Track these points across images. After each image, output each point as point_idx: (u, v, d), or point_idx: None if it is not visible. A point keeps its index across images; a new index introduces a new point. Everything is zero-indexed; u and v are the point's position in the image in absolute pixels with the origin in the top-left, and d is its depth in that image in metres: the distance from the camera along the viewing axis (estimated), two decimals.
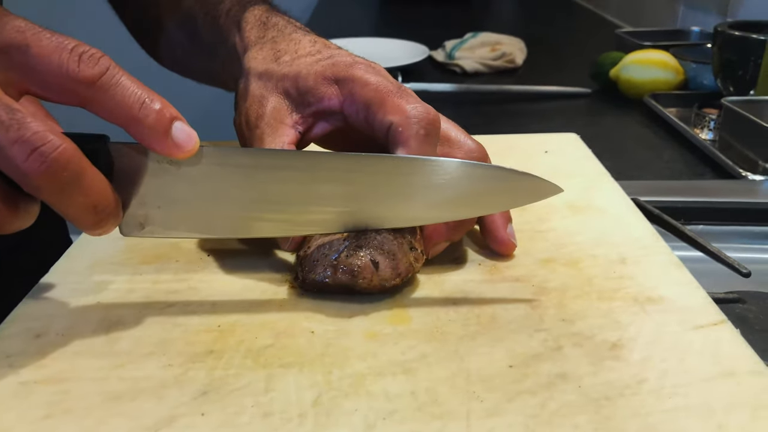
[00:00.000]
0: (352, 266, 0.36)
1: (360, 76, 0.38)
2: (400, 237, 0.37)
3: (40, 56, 0.29)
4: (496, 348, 0.33)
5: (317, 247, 0.37)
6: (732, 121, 0.76)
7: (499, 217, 0.41)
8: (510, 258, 0.41)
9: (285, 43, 0.43)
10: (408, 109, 0.37)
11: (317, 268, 0.36)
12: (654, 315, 0.36)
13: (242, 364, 0.32)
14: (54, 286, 0.39)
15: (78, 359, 0.32)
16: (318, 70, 0.39)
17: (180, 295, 0.37)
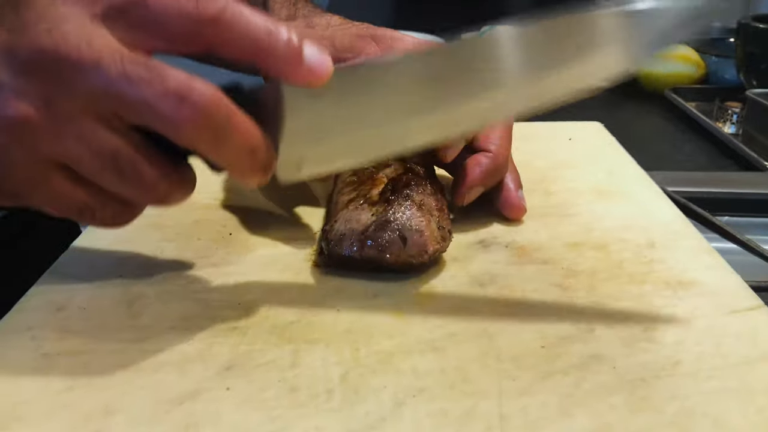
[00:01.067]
0: (379, 240, 0.35)
1: (396, 35, 0.41)
2: (428, 215, 0.36)
3: (159, 6, 0.28)
4: (526, 328, 0.32)
5: (344, 221, 0.36)
6: (757, 113, 0.75)
7: (511, 181, 0.42)
8: (530, 235, 0.41)
9: (317, 18, 0.44)
10: None
11: (344, 242, 0.36)
12: (687, 299, 0.35)
13: (267, 340, 0.31)
14: (75, 261, 0.38)
15: (99, 332, 0.32)
16: (354, 32, 0.41)
17: (202, 272, 0.37)
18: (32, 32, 0.27)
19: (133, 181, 0.29)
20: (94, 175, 0.29)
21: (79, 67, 0.27)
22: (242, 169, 0.30)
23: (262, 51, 0.29)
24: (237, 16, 0.28)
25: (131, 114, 0.28)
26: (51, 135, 0.28)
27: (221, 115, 0.28)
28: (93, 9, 0.28)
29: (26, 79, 0.27)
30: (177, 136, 0.28)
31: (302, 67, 0.29)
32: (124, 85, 0.27)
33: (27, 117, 0.27)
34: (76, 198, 0.30)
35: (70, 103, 0.28)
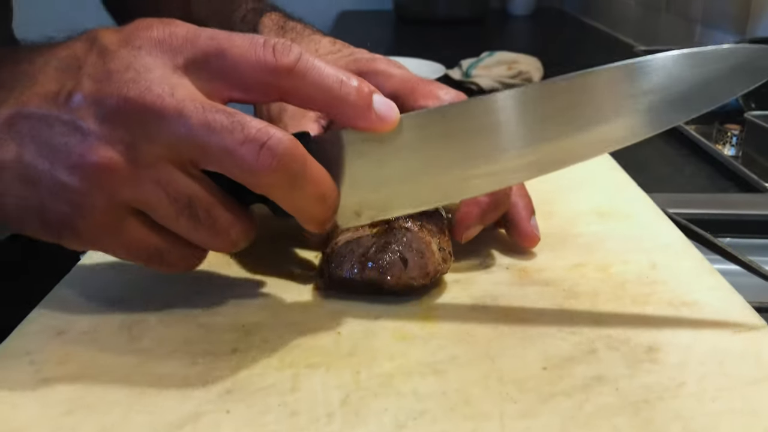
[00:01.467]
0: (380, 262, 0.35)
1: (383, 69, 0.39)
2: (429, 236, 0.36)
3: (238, 57, 0.29)
4: (527, 350, 0.32)
5: (345, 244, 0.36)
6: (756, 135, 0.75)
7: (523, 208, 0.40)
8: (531, 256, 0.40)
9: (305, 44, 0.43)
10: (440, 93, 0.38)
11: (344, 264, 0.36)
12: (689, 319, 0.35)
13: (268, 364, 0.31)
14: (76, 286, 0.38)
15: (100, 356, 0.32)
16: (340, 66, 0.39)
17: (204, 296, 0.37)
18: (118, 81, 0.29)
19: (207, 225, 0.31)
20: (170, 220, 0.30)
21: (162, 116, 0.28)
22: (311, 215, 0.32)
23: (334, 100, 0.30)
24: (311, 66, 0.30)
25: (210, 161, 0.29)
26: (131, 181, 0.29)
27: (298, 162, 0.29)
28: (175, 60, 0.30)
29: (111, 127, 0.29)
30: (254, 182, 0.29)
31: (371, 116, 0.31)
32: (206, 133, 0.28)
33: (110, 163, 0.29)
34: (148, 243, 0.31)
35: (152, 150, 0.29)
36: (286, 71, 0.30)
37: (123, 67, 0.29)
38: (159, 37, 0.30)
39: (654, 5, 1.53)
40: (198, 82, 0.30)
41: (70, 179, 0.29)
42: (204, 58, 0.30)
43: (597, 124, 0.32)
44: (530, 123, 0.33)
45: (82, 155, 0.28)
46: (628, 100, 0.32)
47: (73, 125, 0.29)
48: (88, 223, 0.30)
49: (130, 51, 0.30)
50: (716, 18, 1.25)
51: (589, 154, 0.33)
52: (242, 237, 0.32)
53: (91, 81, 0.29)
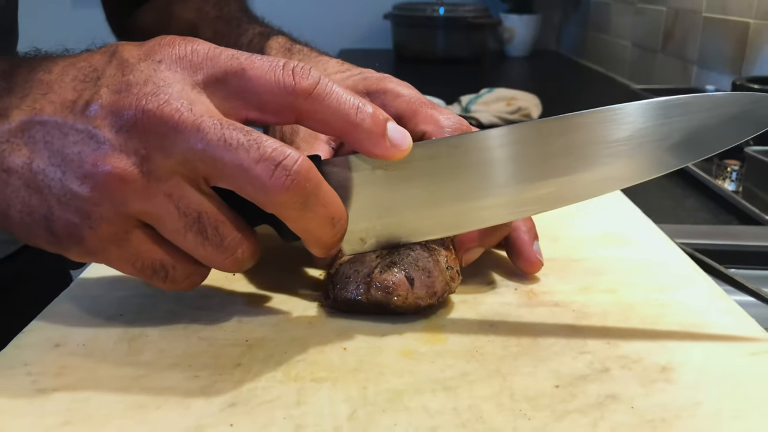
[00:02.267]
0: (386, 282, 0.34)
1: (392, 88, 0.39)
2: (435, 255, 0.36)
3: (257, 78, 0.30)
4: (539, 369, 0.31)
5: (349, 264, 0.36)
6: (756, 170, 0.76)
7: (525, 233, 0.40)
8: (538, 279, 0.40)
9: (313, 64, 0.44)
10: (441, 119, 0.38)
11: (349, 285, 0.35)
12: (702, 340, 0.34)
13: (272, 377, 0.30)
14: (74, 299, 0.37)
15: (99, 368, 0.31)
16: (349, 85, 0.40)
17: (205, 311, 0.36)
18: (137, 94, 0.29)
19: (214, 243, 0.30)
20: (178, 234, 0.30)
21: (179, 130, 0.28)
22: (318, 238, 0.31)
23: (349, 126, 0.30)
24: (328, 91, 0.30)
25: (224, 178, 0.29)
26: (143, 193, 0.29)
27: (311, 183, 0.29)
28: (195, 77, 0.30)
29: (127, 137, 0.28)
30: (266, 200, 0.29)
31: (385, 143, 0.31)
32: (222, 150, 0.28)
33: (123, 173, 0.28)
34: (152, 257, 0.31)
35: (166, 163, 0.29)
36: (304, 94, 0.30)
37: (142, 80, 0.29)
38: (180, 53, 0.30)
39: (650, 46, 1.55)
40: (216, 100, 0.30)
41: (80, 188, 0.28)
42: (224, 76, 0.30)
43: (601, 164, 0.33)
44: (540, 158, 0.33)
45: (95, 164, 0.28)
46: (624, 144, 0.33)
47: (88, 134, 0.28)
48: (96, 233, 0.29)
49: (150, 65, 0.30)
50: (712, 58, 1.27)
51: (595, 192, 0.35)
52: (248, 257, 0.32)
53: (110, 92, 0.29)
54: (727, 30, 1.21)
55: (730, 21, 1.20)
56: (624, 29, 1.73)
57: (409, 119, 0.38)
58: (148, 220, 0.30)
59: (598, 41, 1.94)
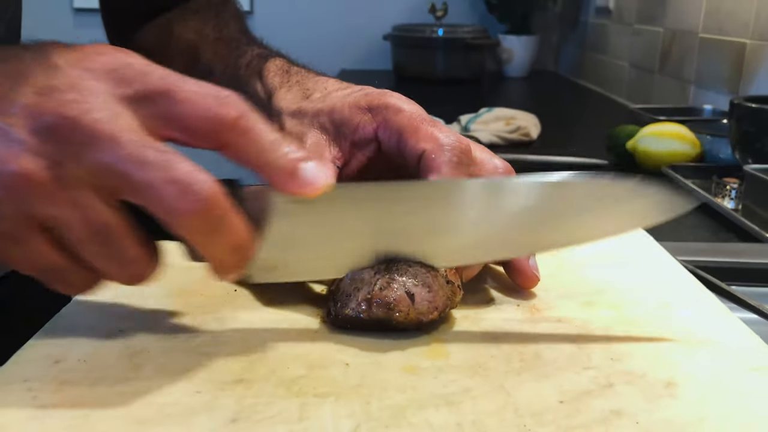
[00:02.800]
0: (387, 299, 0.34)
1: (393, 103, 0.39)
2: (435, 269, 0.36)
3: (186, 101, 0.30)
4: (543, 384, 0.31)
5: (349, 281, 0.35)
6: (756, 188, 0.76)
7: None
8: (540, 295, 0.40)
9: (312, 83, 0.44)
10: (440, 137, 0.38)
11: (350, 302, 0.35)
12: (706, 356, 0.34)
13: (274, 393, 0.30)
14: (74, 315, 0.37)
15: (99, 384, 0.31)
16: (351, 101, 0.40)
17: (207, 327, 0.36)
18: (60, 99, 0.28)
19: (114, 255, 0.30)
20: (79, 242, 0.29)
21: (96, 140, 0.28)
22: (223, 264, 0.31)
23: (265, 162, 0.31)
24: (251, 125, 0.30)
25: (133, 193, 0.29)
26: (49, 197, 0.28)
27: (218, 211, 0.29)
28: (123, 90, 0.29)
29: (42, 140, 0.28)
30: (172, 222, 0.29)
31: (298, 180, 0.31)
32: (135, 166, 0.28)
33: (32, 174, 0.28)
34: (50, 260, 0.30)
35: (77, 172, 0.28)
36: (229, 125, 0.30)
37: (67, 86, 0.29)
38: (112, 65, 0.30)
39: (647, 67, 1.57)
40: (140, 117, 0.29)
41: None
42: (152, 95, 0.30)
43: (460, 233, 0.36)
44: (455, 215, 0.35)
45: (4, 162, 0.28)
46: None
47: (2, 131, 0.28)
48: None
49: (78, 72, 0.29)
50: (709, 78, 1.28)
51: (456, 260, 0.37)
52: (145, 273, 0.31)
53: (33, 93, 0.28)
54: (723, 50, 1.22)
55: (726, 41, 1.21)
56: (621, 50, 1.74)
57: (410, 135, 0.38)
58: (50, 224, 0.29)
59: (595, 62, 1.95)
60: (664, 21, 1.48)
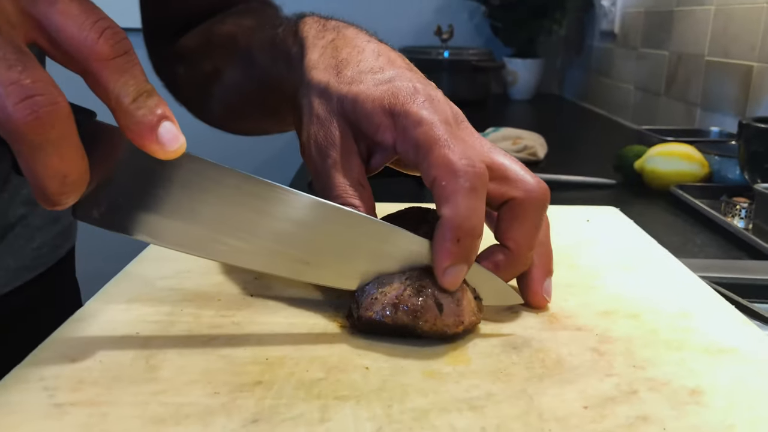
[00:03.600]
0: (415, 306, 0.34)
1: (415, 112, 0.36)
2: (465, 283, 0.35)
3: (63, 14, 0.28)
4: (566, 390, 0.31)
5: (375, 284, 0.35)
6: (766, 207, 0.76)
7: (538, 268, 0.39)
8: (559, 304, 0.39)
9: (347, 51, 0.40)
10: (453, 160, 0.34)
11: (375, 305, 0.34)
12: (729, 365, 0.33)
13: (294, 395, 0.30)
14: (90, 318, 0.37)
15: (116, 384, 0.30)
16: (377, 96, 0.37)
17: (224, 330, 0.35)
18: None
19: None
20: None
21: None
22: (46, 191, 0.29)
23: (123, 110, 0.29)
24: (124, 66, 0.29)
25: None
26: None
27: (56, 131, 0.27)
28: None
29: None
30: (2, 126, 0.27)
31: (151, 137, 0.29)
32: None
33: None
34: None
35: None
36: (99, 58, 0.28)
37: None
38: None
39: (653, 89, 1.57)
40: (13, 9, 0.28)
41: None
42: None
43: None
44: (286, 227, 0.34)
45: None
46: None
47: None
48: None
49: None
50: (715, 101, 1.29)
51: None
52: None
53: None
54: (730, 73, 1.23)
55: (732, 64, 1.22)
56: (627, 73, 1.76)
57: (423, 158, 0.35)
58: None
59: (601, 85, 1.96)
60: (670, 44, 1.49)
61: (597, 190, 1.04)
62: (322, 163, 0.37)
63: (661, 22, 1.54)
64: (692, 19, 1.38)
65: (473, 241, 0.34)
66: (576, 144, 1.50)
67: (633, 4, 1.74)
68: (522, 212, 0.37)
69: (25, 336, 0.45)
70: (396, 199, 0.52)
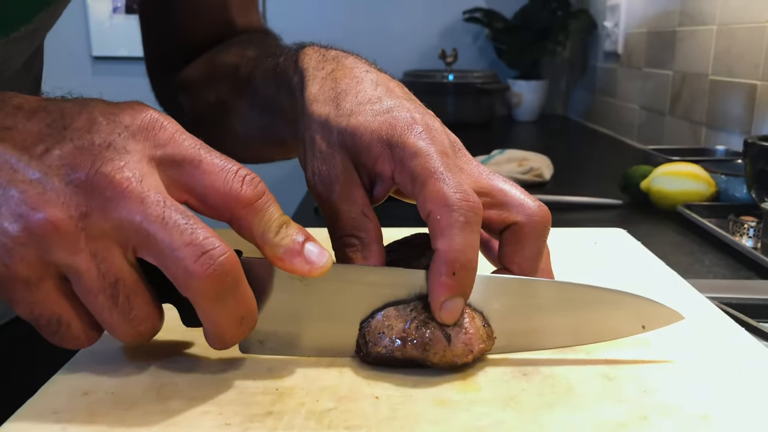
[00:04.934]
0: (423, 339, 0.34)
1: (412, 143, 0.36)
2: (473, 311, 0.35)
3: (209, 173, 0.31)
4: (576, 417, 0.31)
5: (382, 319, 0.35)
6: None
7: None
8: None
9: (346, 81, 0.40)
10: (447, 194, 0.34)
11: (383, 340, 0.34)
12: (740, 388, 0.33)
13: (305, 425, 0.30)
14: (101, 349, 0.37)
15: (128, 416, 0.30)
16: (374, 128, 0.37)
17: (233, 360, 0.36)
18: (98, 155, 0.30)
19: (122, 310, 0.31)
20: (89, 293, 0.30)
21: (124, 197, 0.29)
22: (222, 332, 0.32)
23: (267, 239, 0.32)
24: (265, 207, 0.32)
25: (152, 252, 0.30)
26: (70, 245, 0.29)
27: (231, 278, 0.30)
28: (153, 151, 0.31)
29: (74, 191, 0.29)
30: (185, 284, 0.30)
31: (300, 259, 0.33)
32: (157, 226, 0.29)
33: (59, 223, 0.29)
34: (55, 308, 0.30)
35: (102, 225, 0.29)
36: (244, 203, 0.32)
37: (105, 143, 0.30)
38: (148, 125, 0.32)
39: (658, 109, 1.58)
40: (165, 179, 0.31)
41: (11, 225, 0.29)
42: (181, 161, 0.32)
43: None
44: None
45: (35, 207, 0.29)
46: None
47: (37, 178, 0.29)
48: (9, 271, 0.29)
49: (116, 128, 0.31)
50: (720, 120, 1.29)
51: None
52: (148, 332, 0.32)
53: (72, 145, 0.30)
54: (734, 92, 1.23)
55: (736, 83, 1.22)
56: (631, 93, 1.76)
57: (419, 191, 0.35)
58: (66, 272, 0.30)
59: (605, 105, 1.97)
60: (673, 64, 1.50)
61: (604, 211, 1.04)
62: (328, 197, 0.38)
63: (664, 42, 1.55)
64: (695, 39, 1.39)
65: (468, 273, 0.34)
66: (582, 165, 1.50)
67: (636, 25, 1.75)
68: (524, 236, 0.37)
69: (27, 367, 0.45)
70: (401, 224, 0.53)
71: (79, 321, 0.31)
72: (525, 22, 2.12)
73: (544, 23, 2.07)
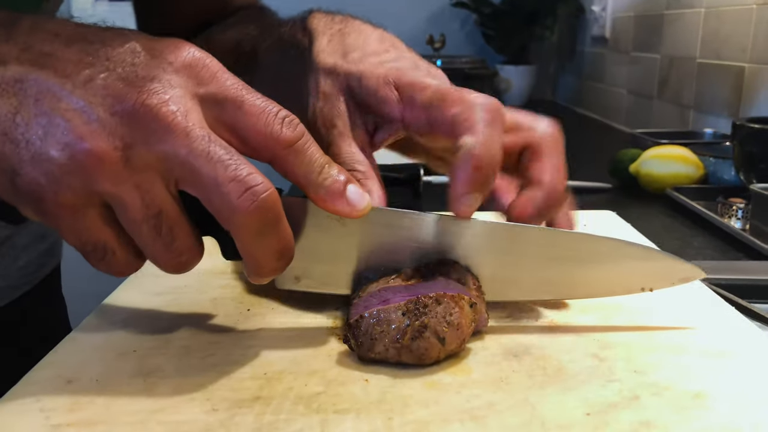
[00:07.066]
0: (419, 350, 0.33)
1: (419, 80, 0.39)
2: (461, 300, 0.34)
3: (250, 114, 0.31)
4: (568, 397, 0.30)
5: (374, 322, 0.33)
6: (763, 207, 0.76)
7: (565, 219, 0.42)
8: (558, 311, 0.39)
9: (354, 36, 0.43)
10: (470, 98, 0.37)
11: (376, 346, 0.33)
12: (731, 367, 0.33)
13: (293, 410, 0.29)
14: (86, 336, 0.36)
15: (114, 403, 0.30)
16: (381, 73, 0.39)
17: (221, 345, 0.35)
18: (142, 88, 0.29)
19: (165, 241, 0.31)
20: (134, 223, 0.30)
21: (170, 130, 0.29)
22: (261, 267, 0.32)
23: (313, 182, 0.32)
24: (306, 148, 0.32)
25: (195, 186, 0.30)
26: (115, 177, 0.29)
27: (273, 214, 0.30)
28: (196, 89, 0.31)
29: (119, 122, 0.29)
30: (228, 218, 0.30)
31: (342, 201, 0.33)
32: (203, 160, 0.29)
33: (104, 153, 0.29)
34: (100, 236, 0.30)
35: (147, 157, 0.29)
36: (284, 144, 0.31)
37: (150, 76, 0.30)
38: (191, 62, 0.31)
39: (646, 93, 1.58)
40: (207, 117, 0.31)
41: (58, 154, 0.28)
42: (223, 100, 0.31)
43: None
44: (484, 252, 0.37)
45: (81, 137, 0.28)
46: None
47: (81, 107, 0.28)
48: (57, 199, 0.29)
49: (161, 63, 0.30)
50: (708, 103, 1.29)
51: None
52: (189, 263, 0.32)
53: (117, 76, 0.29)
54: (722, 75, 1.23)
55: (724, 66, 1.22)
56: (619, 77, 1.76)
57: (437, 107, 0.37)
58: (111, 201, 0.30)
59: (594, 90, 1.97)
60: (661, 48, 1.49)
61: (593, 195, 1.03)
62: (328, 133, 0.39)
63: (652, 25, 1.54)
64: (683, 22, 1.39)
65: (491, 170, 0.35)
66: (571, 149, 1.50)
67: (623, 9, 1.74)
68: (545, 150, 0.40)
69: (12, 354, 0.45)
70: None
71: (123, 249, 0.31)
72: (513, 6, 2.10)
73: (532, 8, 2.06)
